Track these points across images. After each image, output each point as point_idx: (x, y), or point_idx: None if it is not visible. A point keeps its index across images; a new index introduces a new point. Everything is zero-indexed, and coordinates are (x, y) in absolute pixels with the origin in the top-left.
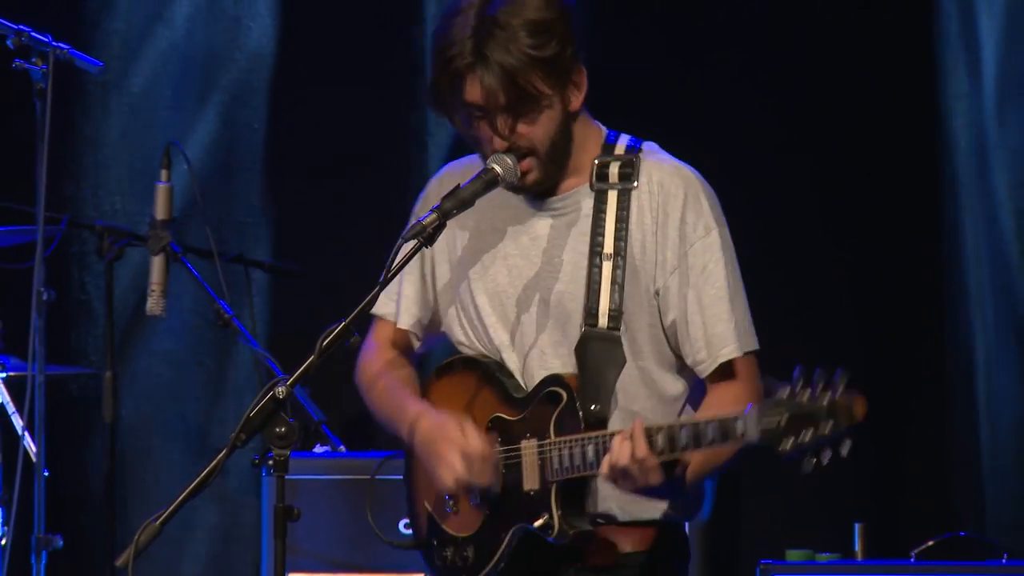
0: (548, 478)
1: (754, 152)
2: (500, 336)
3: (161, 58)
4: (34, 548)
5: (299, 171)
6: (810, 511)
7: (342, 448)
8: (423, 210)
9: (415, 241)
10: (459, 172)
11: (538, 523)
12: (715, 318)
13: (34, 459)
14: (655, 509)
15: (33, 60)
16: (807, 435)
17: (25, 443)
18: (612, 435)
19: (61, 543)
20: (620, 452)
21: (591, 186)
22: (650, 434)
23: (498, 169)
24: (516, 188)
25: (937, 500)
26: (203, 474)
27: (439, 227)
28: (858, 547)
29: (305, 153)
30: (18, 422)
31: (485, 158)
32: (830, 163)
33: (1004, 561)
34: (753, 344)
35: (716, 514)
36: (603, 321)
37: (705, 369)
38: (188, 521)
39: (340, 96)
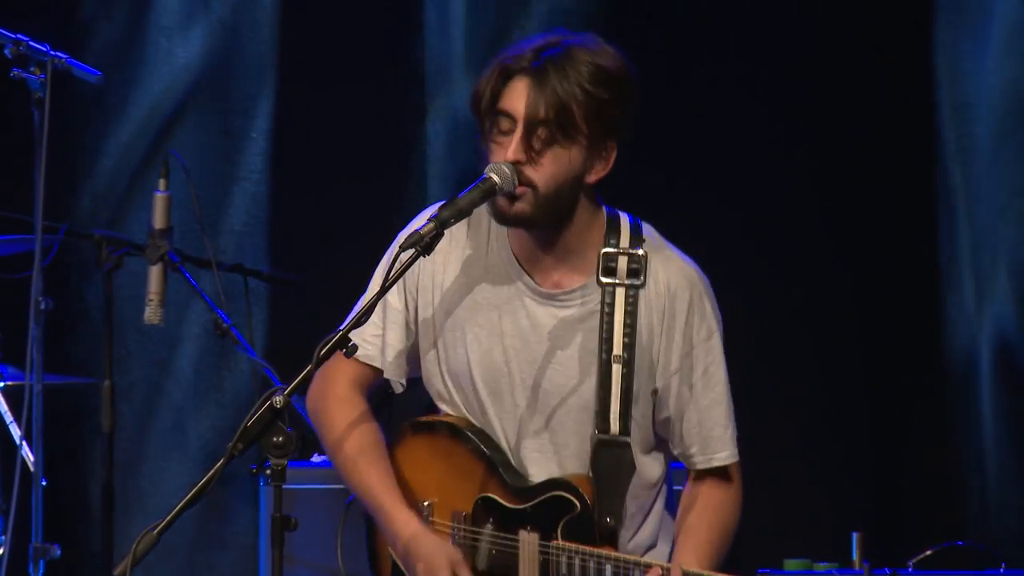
0: None
1: (754, 157)
2: (494, 414)
3: (159, 67)
4: (32, 557)
5: (297, 181)
6: (808, 520)
7: None
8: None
9: (412, 251)
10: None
11: None
12: (712, 421)
13: (32, 468)
14: None
15: (31, 69)
16: None
17: (23, 452)
18: (638, 564)
19: (59, 552)
20: None
21: (598, 281)
22: None
23: (496, 179)
24: (507, 219)
25: (935, 510)
26: (201, 483)
27: (436, 236)
28: (856, 556)
29: (303, 163)
30: (16, 431)
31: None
32: (831, 168)
33: (1002, 571)
34: (737, 450)
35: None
36: (615, 427)
37: (696, 464)
38: (186, 530)
39: (339, 106)
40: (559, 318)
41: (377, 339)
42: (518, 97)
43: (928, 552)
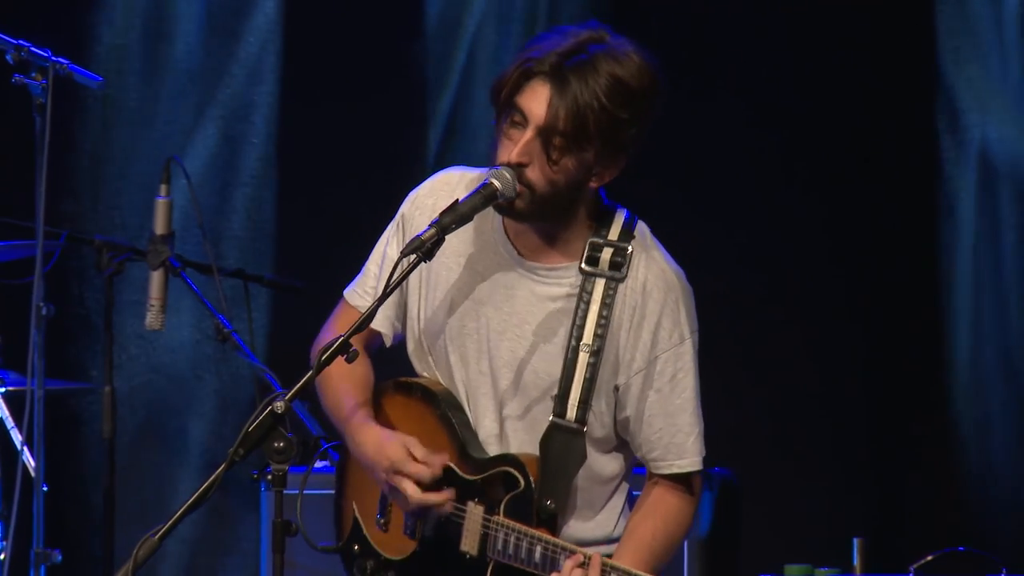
0: (488, 553)
1: (754, 162)
2: (459, 378)
3: (161, 73)
4: (33, 563)
5: (298, 186)
6: (809, 526)
7: None
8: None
9: (413, 256)
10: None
11: None
12: (676, 427)
13: (33, 474)
14: None
15: (32, 75)
16: None
17: (24, 458)
18: (564, 549)
19: (60, 558)
20: None
21: (580, 268)
22: (605, 570)
23: (497, 184)
24: (501, 208)
25: (936, 515)
26: (202, 489)
27: (438, 242)
28: (857, 562)
29: (304, 168)
30: (17, 437)
31: (497, 164)
32: (832, 175)
33: None
34: (702, 459)
35: (715, 529)
36: (571, 413)
37: (657, 468)
38: (187, 536)
39: (340, 111)
40: (535, 293)
41: (375, 290)
42: (535, 99)
43: (929, 557)
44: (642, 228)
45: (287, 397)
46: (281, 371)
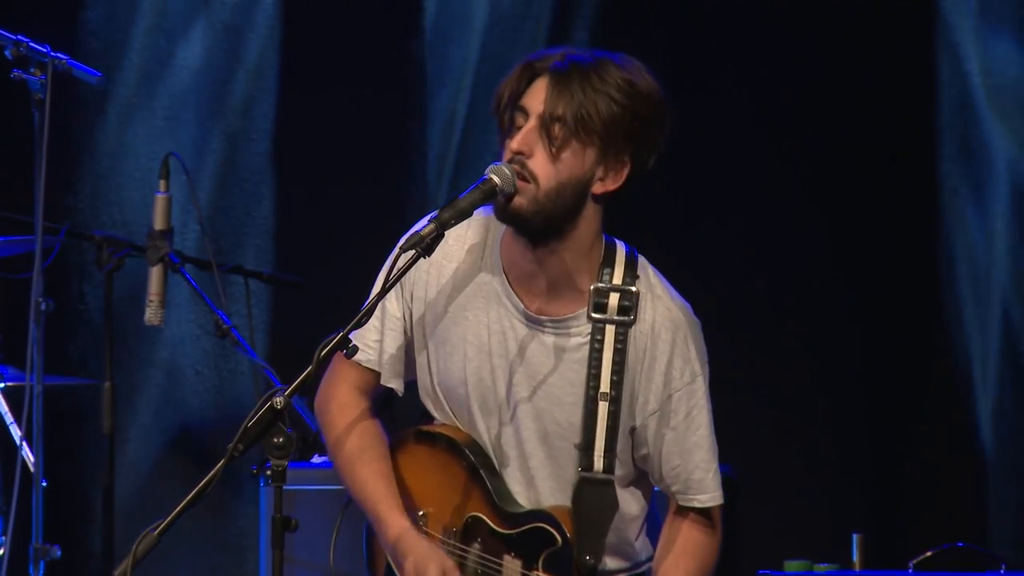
0: None
1: (754, 161)
2: (483, 428)
3: (160, 69)
4: (32, 558)
5: (298, 182)
6: (808, 521)
7: None
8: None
9: (412, 252)
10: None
11: None
12: (694, 464)
13: (32, 469)
14: None
15: (31, 70)
16: None
17: (23, 453)
18: None
19: (59, 553)
20: None
21: (588, 316)
22: None
23: (496, 180)
24: (498, 210)
25: (935, 511)
26: (201, 484)
27: (437, 238)
28: (856, 558)
29: (304, 164)
30: (16, 432)
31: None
32: (830, 172)
33: (1003, 572)
34: (721, 494)
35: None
36: (599, 464)
37: (677, 500)
38: (186, 531)
39: (340, 107)
40: (546, 345)
41: (377, 344)
42: (537, 94)
43: (928, 553)
44: (643, 264)
45: (286, 393)
46: (280, 367)
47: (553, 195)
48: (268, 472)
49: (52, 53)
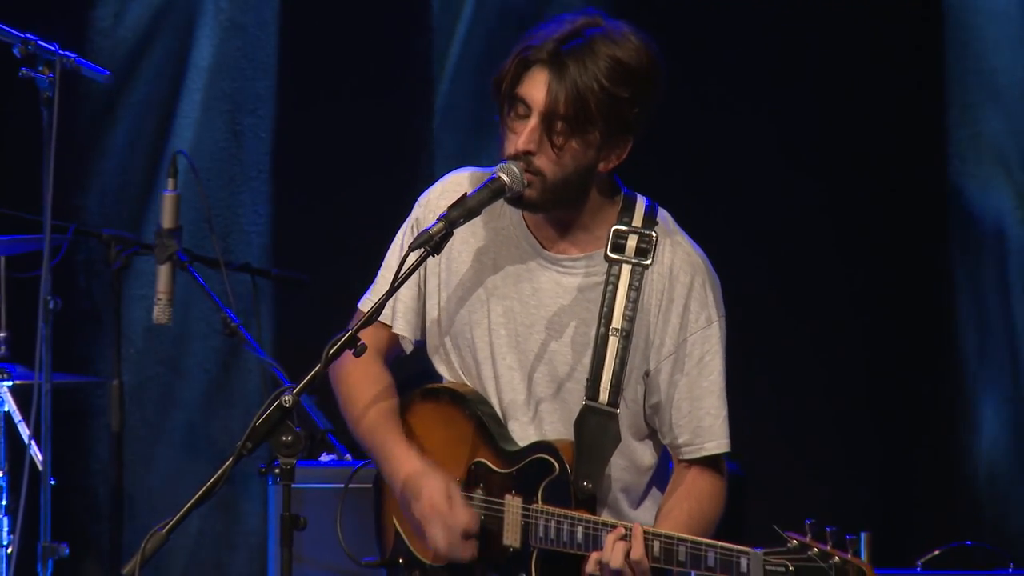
0: (531, 542)
1: (761, 158)
2: (488, 375)
3: (168, 67)
4: (40, 556)
5: (306, 180)
6: (815, 520)
7: (348, 457)
8: (424, 222)
9: (421, 250)
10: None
11: None
12: (705, 410)
13: (40, 467)
14: None
15: (40, 69)
16: None
17: (31, 451)
18: (605, 525)
19: (67, 551)
20: (614, 552)
21: (606, 256)
22: (647, 538)
23: (505, 178)
24: (513, 201)
25: (943, 509)
26: (210, 482)
27: (446, 236)
28: (864, 556)
29: (312, 162)
30: (25, 430)
31: (505, 157)
32: (836, 178)
33: (1010, 570)
34: (729, 442)
35: (721, 523)
36: (603, 396)
37: (685, 454)
38: (194, 529)
39: (347, 105)
40: (561, 284)
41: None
42: (535, 87)
43: (936, 552)
44: (664, 214)
45: (295, 391)
46: (288, 365)
47: (560, 184)
48: (276, 470)
49: (60, 51)
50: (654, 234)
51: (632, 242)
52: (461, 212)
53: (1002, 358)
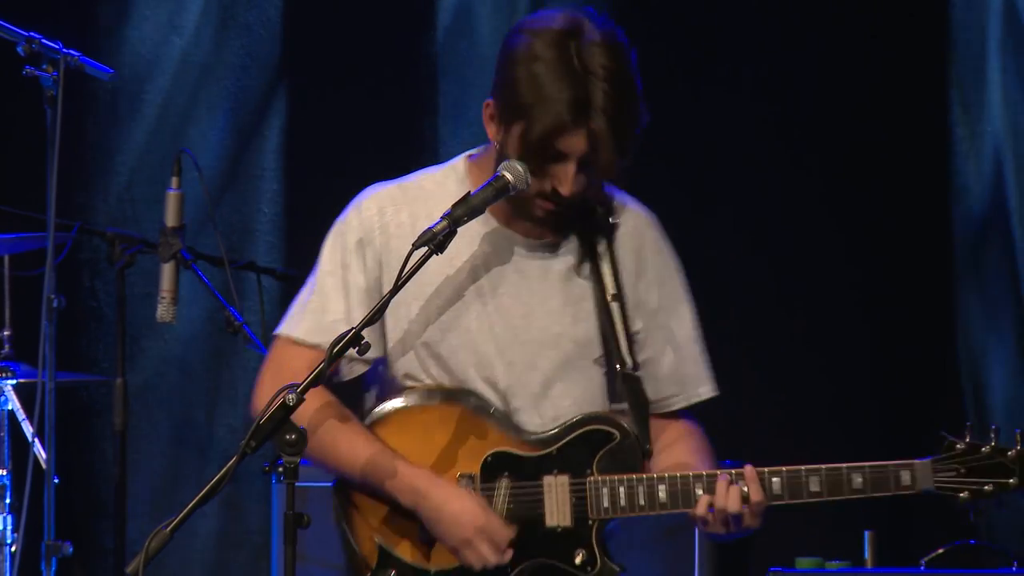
0: (590, 515)
1: (765, 155)
2: (489, 377)
3: (172, 65)
4: (44, 555)
5: (310, 178)
6: (820, 519)
7: None
8: (349, 247)
9: (424, 249)
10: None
11: (578, 559)
12: (687, 358)
13: (44, 466)
14: None
15: (44, 67)
16: (988, 487)
17: (35, 450)
18: (697, 478)
19: (71, 550)
20: (730, 497)
21: (579, 231)
22: (762, 478)
23: (509, 176)
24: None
25: (947, 508)
26: (213, 481)
27: (450, 234)
28: (868, 555)
29: (316, 160)
30: (28, 429)
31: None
32: (836, 178)
33: (1014, 569)
34: (716, 386)
35: None
36: (629, 360)
37: (673, 404)
38: (198, 528)
39: (352, 103)
40: (549, 269)
41: (339, 324)
42: (579, 143)
43: (940, 551)
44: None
45: (299, 389)
46: None
47: (578, 204)
48: (280, 469)
49: (64, 50)
50: (612, 200)
51: (596, 213)
52: (465, 210)
53: (1008, 355)
